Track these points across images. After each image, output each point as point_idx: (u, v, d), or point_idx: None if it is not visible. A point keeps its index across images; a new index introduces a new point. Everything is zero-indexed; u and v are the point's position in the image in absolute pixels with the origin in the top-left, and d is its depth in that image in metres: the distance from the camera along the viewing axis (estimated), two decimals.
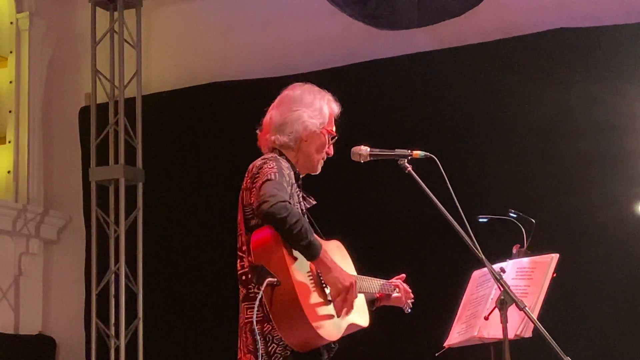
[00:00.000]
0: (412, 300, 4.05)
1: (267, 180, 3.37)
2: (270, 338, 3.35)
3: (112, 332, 6.98)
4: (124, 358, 6.89)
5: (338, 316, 3.45)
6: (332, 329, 3.40)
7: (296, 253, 3.37)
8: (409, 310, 4.01)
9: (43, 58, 7.82)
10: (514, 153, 6.22)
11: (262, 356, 3.33)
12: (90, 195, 7.17)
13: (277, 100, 3.74)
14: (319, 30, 7.04)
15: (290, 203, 3.32)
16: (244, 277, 3.47)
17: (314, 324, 3.29)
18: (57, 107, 7.85)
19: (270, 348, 3.35)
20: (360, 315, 3.66)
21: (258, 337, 3.31)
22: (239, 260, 3.51)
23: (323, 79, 6.54)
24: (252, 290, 3.43)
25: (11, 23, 7.72)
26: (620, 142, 5.94)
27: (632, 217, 5.83)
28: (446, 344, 4.45)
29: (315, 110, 3.67)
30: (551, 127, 6.14)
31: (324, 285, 3.45)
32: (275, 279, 3.28)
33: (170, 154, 7.33)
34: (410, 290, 4.03)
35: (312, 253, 3.35)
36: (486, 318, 3.97)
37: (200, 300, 6.95)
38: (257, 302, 3.29)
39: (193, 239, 7.10)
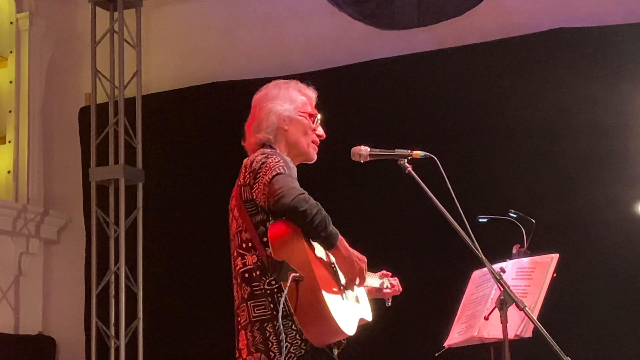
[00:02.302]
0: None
1: (279, 174, 3.34)
2: (284, 337, 3.33)
3: (112, 332, 6.98)
4: (124, 358, 6.89)
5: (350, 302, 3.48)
6: (350, 323, 3.41)
7: (313, 242, 3.36)
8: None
9: (43, 58, 7.82)
10: (514, 153, 6.22)
11: (276, 354, 3.31)
12: (90, 195, 7.17)
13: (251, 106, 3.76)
14: (319, 30, 7.04)
15: (307, 194, 3.30)
16: (247, 275, 3.41)
17: (337, 320, 3.28)
18: (57, 107, 7.85)
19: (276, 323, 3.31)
20: (366, 310, 3.68)
21: (283, 333, 3.28)
22: (239, 259, 3.45)
23: (323, 79, 6.58)
24: (260, 287, 3.39)
25: (11, 23, 7.73)
26: (620, 142, 5.94)
27: (632, 217, 5.83)
28: (446, 344, 4.45)
29: (284, 99, 3.65)
30: (551, 127, 6.14)
31: (338, 277, 3.45)
32: (299, 274, 3.27)
33: (170, 154, 7.33)
34: (400, 289, 4.02)
35: (331, 242, 3.36)
36: (486, 318, 3.98)
37: (200, 301, 6.95)
38: (283, 297, 3.25)
39: (193, 239, 7.10)
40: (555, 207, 5.93)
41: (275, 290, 3.34)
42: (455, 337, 4.40)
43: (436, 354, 4.46)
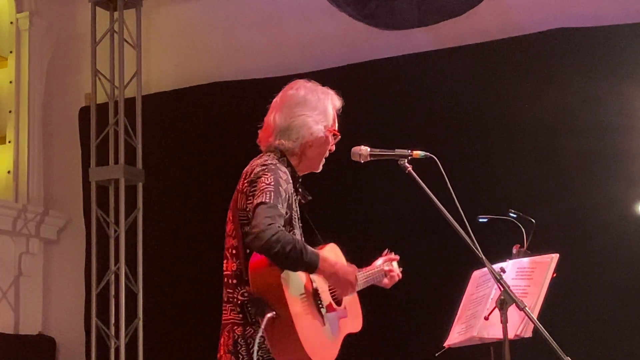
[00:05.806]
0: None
1: (261, 203, 3.32)
2: (252, 341, 3.36)
3: (112, 332, 6.98)
4: (124, 358, 6.90)
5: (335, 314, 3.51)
6: (328, 354, 3.46)
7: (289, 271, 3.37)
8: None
9: (43, 58, 7.82)
10: (514, 153, 6.22)
11: (244, 356, 3.37)
12: (90, 195, 7.17)
13: (279, 100, 3.66)
14: (319, 30, 7.04)
15: (282, 229, 3.27)
16: (226, 280, 3.47)
17: (310, 354, 3.32)
18: (57, 107, 7.86)
19: (251, 350, 3.36)
20: (353, 322, 3.70)
21: (254, 339, 3.33)
22: (225, 261, 3.50)
23: (322, 79, 6.57)
24: (233, 295, 3.43)
25: (11, 23, 7.73)
26: (621, 142, 5.94)
27: (632, 217, 5.84)
28: (446, 344, 4.44)
29: (320, 113, 3.62)
30: (551, 127, 6.14)
31: (319, 303, 3.46)
32: (274, 312, 3.29)
33: (170, 154, 7.33)
34: (400, 276, 4.02)
35: (311, 270, 3.37)
36: (486, 318, 3.98)
37: (200, 301, 6.95)
38: (259, 333, 3.28)
39: (193, 239, 7.10)
40: (555, 207, 5.93)
41: (246, 302, 3.39)
42: (455, 337, 4.40)
43: (436, 354, 4.46)
